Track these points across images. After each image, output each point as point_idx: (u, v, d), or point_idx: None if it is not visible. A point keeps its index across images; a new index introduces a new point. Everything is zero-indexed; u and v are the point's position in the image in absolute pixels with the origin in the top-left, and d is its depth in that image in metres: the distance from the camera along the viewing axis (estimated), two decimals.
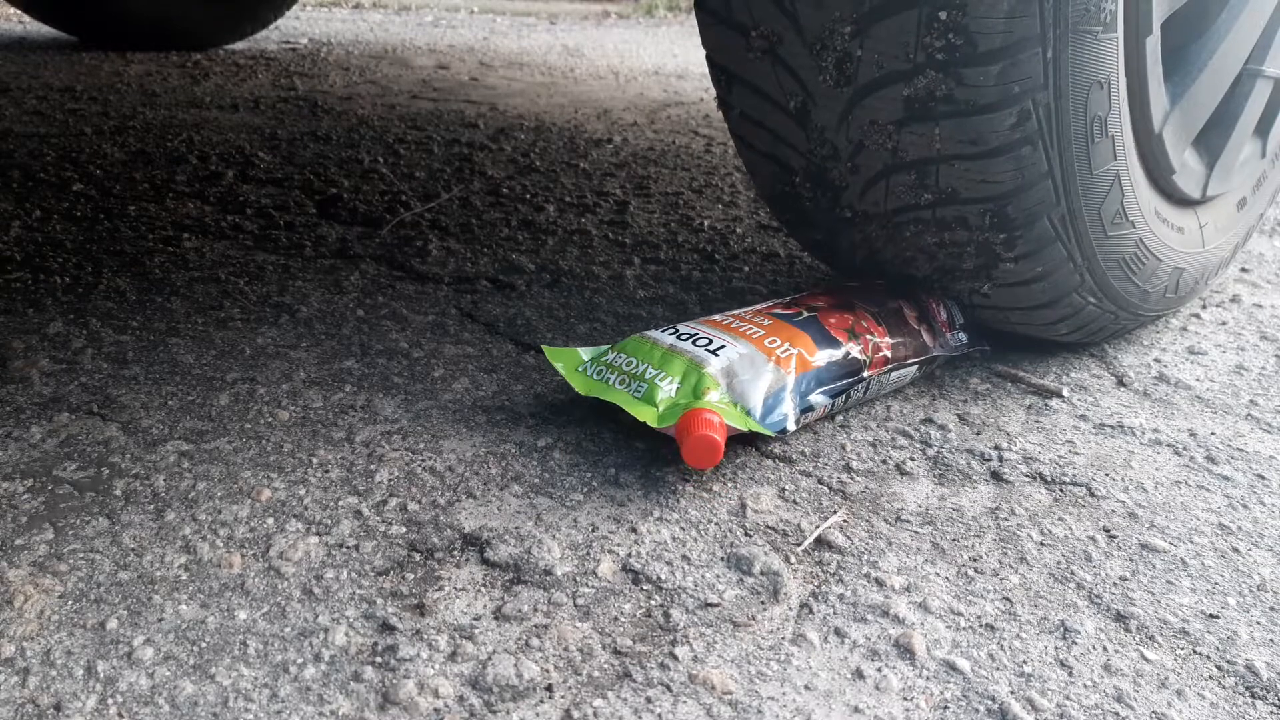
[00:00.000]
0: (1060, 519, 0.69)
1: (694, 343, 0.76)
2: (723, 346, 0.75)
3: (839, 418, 0.82)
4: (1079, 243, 0.78)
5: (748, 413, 0.72)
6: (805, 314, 0.80)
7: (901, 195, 0.78)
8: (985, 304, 0.85)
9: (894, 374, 0.82)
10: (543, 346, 0.82)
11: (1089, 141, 0.74)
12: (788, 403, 0.74)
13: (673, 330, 0.78)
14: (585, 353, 0.80)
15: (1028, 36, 0.68)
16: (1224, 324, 1.07)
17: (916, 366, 0.84)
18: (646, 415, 0.70)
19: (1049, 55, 0.69)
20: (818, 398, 0.76)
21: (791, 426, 0.73)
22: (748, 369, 0.73)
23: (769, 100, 0.81)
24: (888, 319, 0.83)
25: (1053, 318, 0.85)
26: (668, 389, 0.72)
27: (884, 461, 0.76)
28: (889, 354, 0.81)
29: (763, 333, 0.77)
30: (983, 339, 0.90)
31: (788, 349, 0.76)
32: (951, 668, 0.55)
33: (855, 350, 0.78)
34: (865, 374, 0.78)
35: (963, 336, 0.88)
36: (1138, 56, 0.76)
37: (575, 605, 0.58)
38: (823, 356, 0.77)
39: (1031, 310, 0.84)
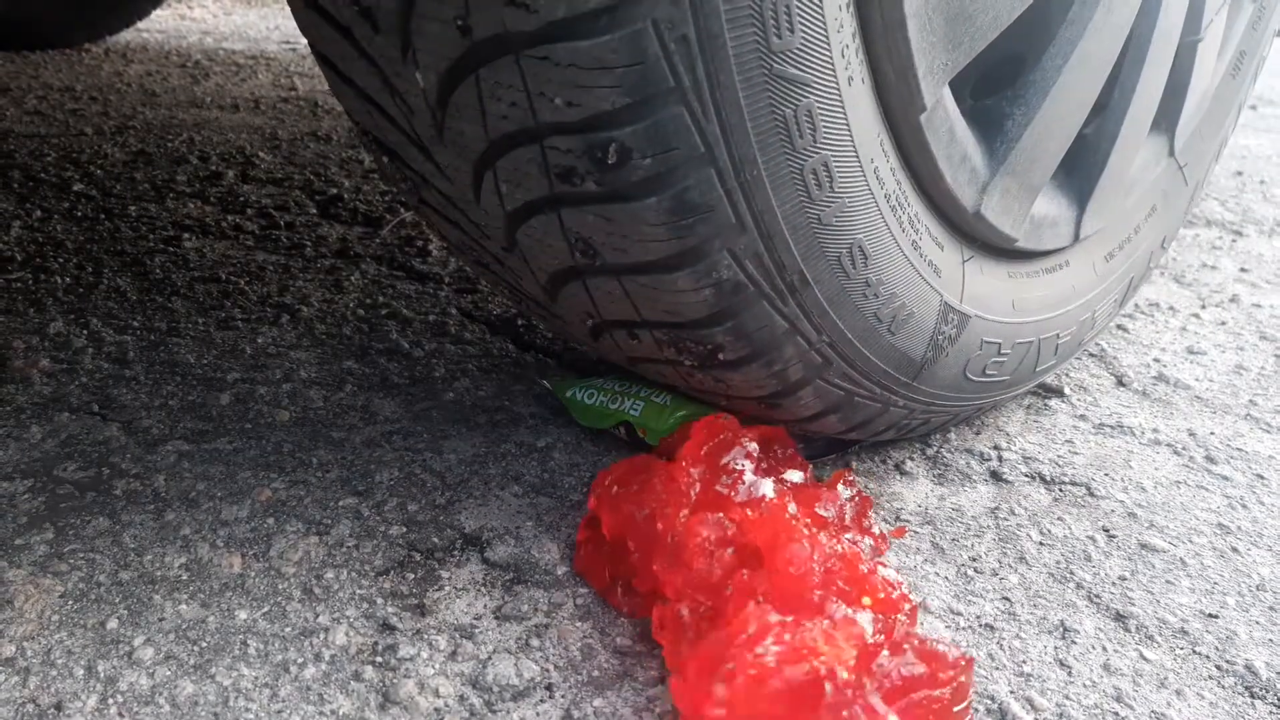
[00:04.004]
0: (1059, 519, 0.70)
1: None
2: None
3: None
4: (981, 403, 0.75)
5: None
6: None
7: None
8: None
9: None
10: (549, 382, 0.81)
11: (968, 369, 0.70)
12: None
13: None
14: (580, 385, 0.78)
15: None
16: (1223, 324, 1.07)
17: None
18: (649, 434, 0.71)
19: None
20: None
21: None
22: None
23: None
24: None
25: (923, 430, 0.79)
26: (660, 399, 0.72)
27: (883, 461, 0.76)
28: None
29: None
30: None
31: None
32: None
33: None
34: None
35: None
36: (1014, 301, 0.70)
37: (575, 605, 0.58)
38: None
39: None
